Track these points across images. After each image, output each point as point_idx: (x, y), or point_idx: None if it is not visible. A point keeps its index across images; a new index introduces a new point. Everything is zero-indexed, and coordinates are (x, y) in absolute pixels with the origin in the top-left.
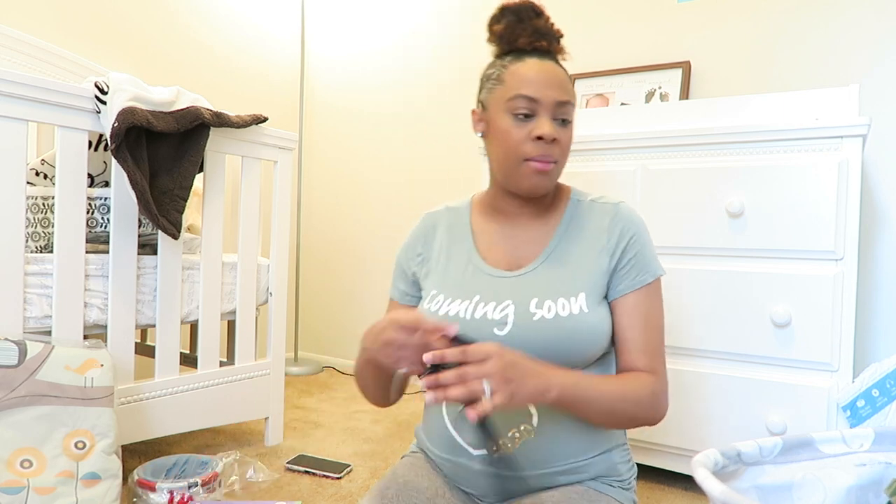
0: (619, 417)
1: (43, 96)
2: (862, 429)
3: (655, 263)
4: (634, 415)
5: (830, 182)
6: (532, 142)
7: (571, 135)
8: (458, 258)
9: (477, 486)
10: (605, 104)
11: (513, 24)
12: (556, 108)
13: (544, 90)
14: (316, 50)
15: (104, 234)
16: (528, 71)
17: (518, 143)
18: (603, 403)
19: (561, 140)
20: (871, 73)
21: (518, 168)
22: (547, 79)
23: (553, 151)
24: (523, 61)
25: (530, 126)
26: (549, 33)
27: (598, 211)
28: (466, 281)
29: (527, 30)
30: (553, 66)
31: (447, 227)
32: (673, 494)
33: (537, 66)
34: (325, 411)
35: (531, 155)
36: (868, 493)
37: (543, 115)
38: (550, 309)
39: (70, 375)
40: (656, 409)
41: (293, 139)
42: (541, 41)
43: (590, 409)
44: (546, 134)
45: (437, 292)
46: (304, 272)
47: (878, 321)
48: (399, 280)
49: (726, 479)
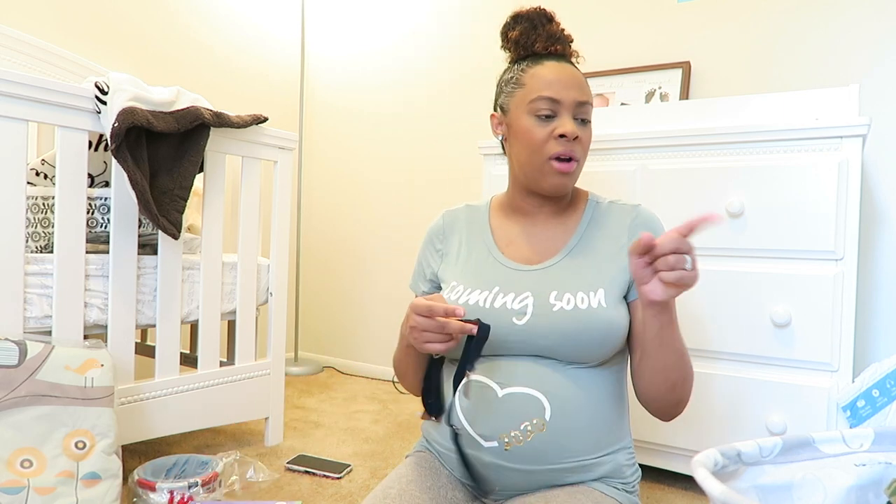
0: (686, 365)
1: (43, 96)
2: (862, 429)
3: None
4: (685, 377)
5: (830, 182)
6: (555, 140)
7: (591, 134)
8: (478, 252)
9: (484, 478)
10: (605, 104)
11: (528, 31)
12: (576, 107)
13: (565, 91)
14: (316, 50)
15: (104, 234)
16: (547, 73)
17: (542, 142)
18: (682, 344)
19: (582, 138)
20: (871, 73)
21: (542, 167)
22: (566, 80)
23: (575, 149)
24: (542, 65)
25: (553, 125)
26: (563, 38)
27: (618, 212)
28: (486, 272)
29: (541, 35)
30: (571, 69)
31: (467, 223)
32: (673, 494)
33: (557, 69)
34: (325, 411)
35: (555, 152)
36: (868, 493)
37: (565, 114)
38: (570, 301)
39: (70, 375)
40: (690, 390)
41: (293, 139)
42: (555, 45)
43: (679, 334)
44: (569, 132)
45: (456, 283)
46: (304, 272)
47: (878, 321)
48: (419, 280)
49: (726, 479)
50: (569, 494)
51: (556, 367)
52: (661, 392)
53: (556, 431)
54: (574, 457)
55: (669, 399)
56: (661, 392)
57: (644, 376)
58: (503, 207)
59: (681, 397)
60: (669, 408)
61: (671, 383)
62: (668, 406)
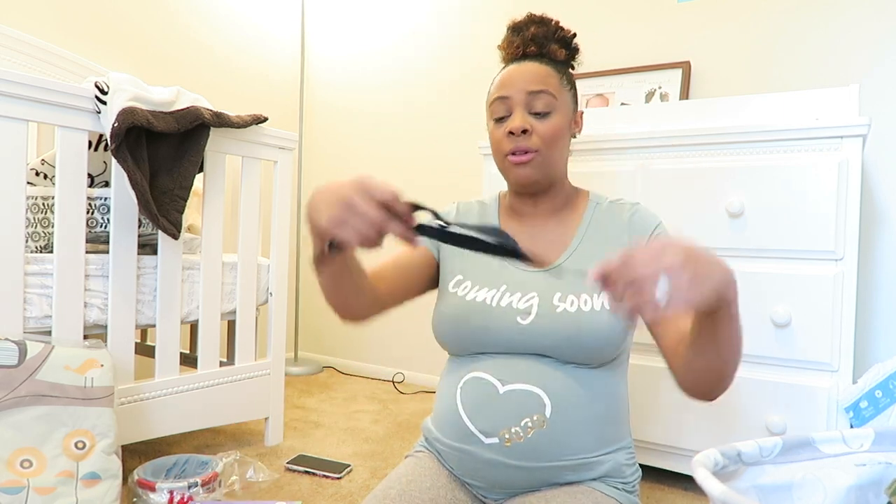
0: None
1: (43, 96)
2: (862, 429)
3: None
4: (738, 360)
5: (830, 182)
6: (506, 138)
7: (556, 124)
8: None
9: (484, 476)
10: (605, 104)
11: (509, 38)
12: (527, 100)
13: (514, 87)
14: (316, 50)
15: (104, 234)
16: (503, 75)
17: (498, 143)
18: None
19: (536, 130)
20: (871, 73)
21: (503, 165)
22: (517, 76)
23: (529, 143)
24: (505, 69)
25: (506, 124)
26: (543, 38)
27: (618, 211)
28: (493, 270)
29: (515, 41)
30: (530, 65)
31: (479, 218)
32: (673, 494)
33: (513, 69)
34: (325, 411)
35: (508, 150)
36: (868, 493)
37: (516, 110)
38: (573, 303)
39: (70, 375)
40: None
41: (293, 139)
42: (530, 47)
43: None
44: (514, 127)
45: (463, 278)
46: (305, 272)
47: (878, 321)
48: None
49: (726, 479)
50: (569, 494)
51: (558, 366)
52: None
53: (556, 428)
54: (574, 454)
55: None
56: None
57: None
58: (506, 208)
59: (733, 374)
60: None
61: (730, 372)
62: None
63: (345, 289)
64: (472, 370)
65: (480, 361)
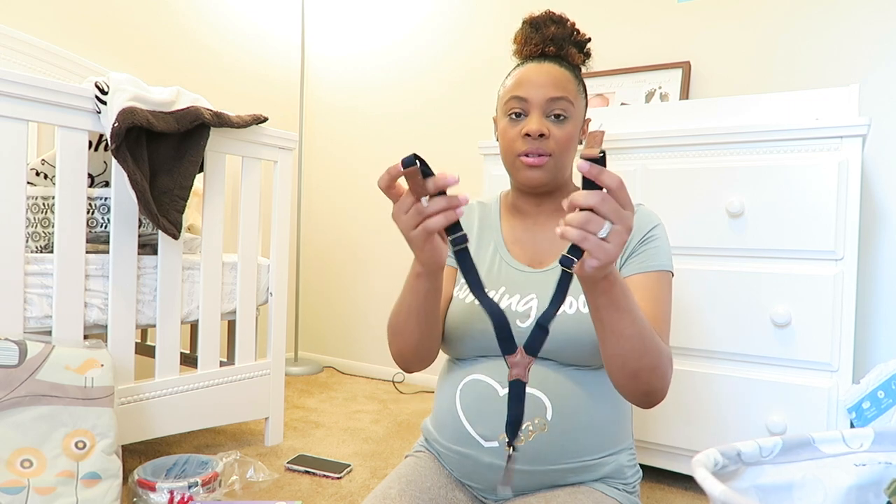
0: (647, 355)
1: (43, 96)
2: (862, 429)
3: (668, 260)
4: (655, 365)
5: (830, 182)
6: (522, 139)
7: (571, 130)
8: (486, 250)
9: (484, 479)
10: (605, 104)
11: (526, 35)
12: (547, 104)
13: (534, 89)
14: (316, 50)
15: (104, 234)
16: (523, 73)
17: (512, 141)
18: (643, 325)
19: (553, 134)
20: (871, 74)
21: (514, 164)
22: (538, 78)
23: (544, 146)
24: (523, 66)
25: (522, 124)
26: (562, 39)
27: None
28: (493, 272)
29: (534, 38)
30: (551, 67)
31: (479, 220)
32: (673, 494)
33: (533, 69)
34: (325, 411)
35: (522, 151)
36: (868, 493)
37: (534, 112)
38: (572, 305)
39: (70, 375)
40: (667, 377)
41: (293, 139)
42: (549, 47)
43: (633, 321)
44: (532, 130)
45: (463, 281)
46: (304, 272)
47: (878, 321)
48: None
49: (726, 479)
50: (569, 495)
51: (559, 369)
52: (622, 380)
53: (557, 431)
54: (576, 457)
55: (635, 388)
56: (622, 380)
57: (605, 362)
58: (508, 207)
59: (648, 388)
60: (638, 397)
61: (630, 371)
62: (636, 395)
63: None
64: (471, 372)
65: (480, 364)
